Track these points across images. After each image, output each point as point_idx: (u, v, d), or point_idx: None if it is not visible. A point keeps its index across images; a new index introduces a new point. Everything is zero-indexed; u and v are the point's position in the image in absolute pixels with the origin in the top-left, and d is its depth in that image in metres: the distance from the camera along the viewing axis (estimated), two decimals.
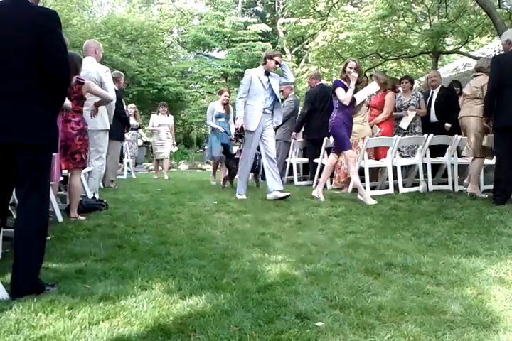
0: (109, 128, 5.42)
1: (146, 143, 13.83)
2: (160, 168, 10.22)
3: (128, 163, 10.06)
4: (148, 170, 12.26)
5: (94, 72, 5.23)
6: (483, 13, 9.37)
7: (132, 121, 9.91)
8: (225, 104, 7.87)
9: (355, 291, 2.47)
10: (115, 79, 6.42)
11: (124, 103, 7.76)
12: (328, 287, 2.52)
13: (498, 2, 9.97)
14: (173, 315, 2.16)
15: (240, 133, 5.86)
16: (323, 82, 9.24)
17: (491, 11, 8.17)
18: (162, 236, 3.74)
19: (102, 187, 6.47)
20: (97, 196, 5.18)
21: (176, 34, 27.23)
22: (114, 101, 5.51)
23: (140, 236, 3.70)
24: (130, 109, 10.21)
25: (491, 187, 5.53)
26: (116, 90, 5.84)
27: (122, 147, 8.64)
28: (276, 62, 5.66)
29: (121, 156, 9.12)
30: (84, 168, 4.53)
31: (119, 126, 6.85)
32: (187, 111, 22.13)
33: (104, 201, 4.99)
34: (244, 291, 2.46)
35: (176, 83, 21.16)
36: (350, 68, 5.40)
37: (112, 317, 2.14)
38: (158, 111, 9.99)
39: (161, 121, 9.90)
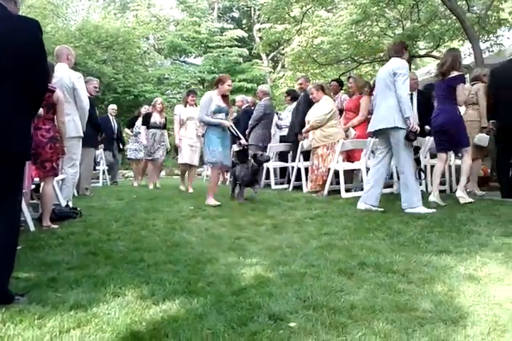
0: (82, 135, 5.36)
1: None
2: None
3: (103, 171, 9.90)
4: (124, 178, 12.05)
5: (66, 78, 5.18)
6: (454, 18, 9.57)
7: (156, 118, 8.71)
8: (225, 96, 5.97)
9: (328, 291, 2.49)
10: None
11: (96, 109, 7.56)
12: (301, 288, 2.55)
13: (467, 7, 10.20)
14: (146, 321, 2.15)
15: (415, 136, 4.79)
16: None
17: (461, 16, 8.36)
18: (136, 242, 3.71)
19: (76, 194, 6.38)
20: (70, 204, 5.11)
21: (152, 40, 27.18)
22: (88, 108, 5.47)
23: (114, 243, 3.67)
24: (158, 104, 8.86)
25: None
26: (88, 96, 5.77)
27: (96, 154, 8.42)
28: None
29: (96, 164, 8.96)
30: (55, 175, 4.46)
31: (93, 133, 6.77)
32: None
33: (78, 209, 4.92)
34: (218, 295, 2.47)
35: (152, 89, 21.07)
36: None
37: (83, 325, 2.12)
38: (186, 102, 7.92)
39: (190, 114, 7.76)
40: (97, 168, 9.48)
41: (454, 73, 5.00)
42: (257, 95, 8.70)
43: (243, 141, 6.01)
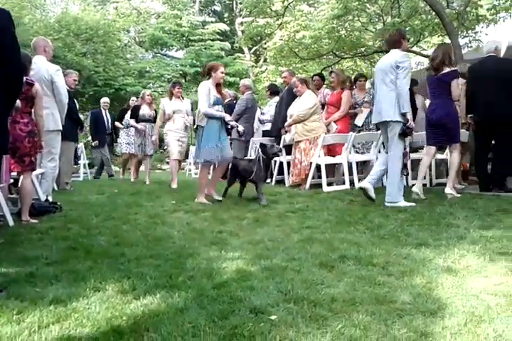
0: (61, 128, 5.27)
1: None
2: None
3: (84, 165, 9.78)
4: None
5: (44, 70, 5.09)
6: (434, 13, 9.67)
7: (146, 111, 8.23)
8: (218, 86, 5.54)
9: (309, 284, 2.50)
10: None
11: (76, 103, 7.43)
12: (283, 281, 2.55)
13: (446, 3, 10.31)
14: (127, 315, 2.13)
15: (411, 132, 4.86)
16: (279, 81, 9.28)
17: (440, 12, 8.46)
18: (117, 237, 3.68)
19: (56, 189, 6.30)
20: (50, 198, 5.04)
21: (132, 33, 26.84)
22: (67, 101, 5.38)
23: (94, 238, 3.63)
24: (147, 96, 8.37)
25: (443, 180, 6.18)
26: (68, 90, 5.68)
27: (77, 148, 8.30)
28: None
29: (76, 158, 8.83)
30: (33, 169, 4.40)
31: (73, 127, 6.68)
32: None
33: (58, 203, 4.86)
34: (199, 289, 2.46)
35: (133, 83, 20.84)
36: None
37: (62, 320, 2.10)
38: (171, 94, 7.44)
39: (176, 107, 7.34)
40: (78, 162, 9.37)
41: (447, 69, 5.08)
42: (239, 89, 8.68)
43: (241, 128, 5.68)
